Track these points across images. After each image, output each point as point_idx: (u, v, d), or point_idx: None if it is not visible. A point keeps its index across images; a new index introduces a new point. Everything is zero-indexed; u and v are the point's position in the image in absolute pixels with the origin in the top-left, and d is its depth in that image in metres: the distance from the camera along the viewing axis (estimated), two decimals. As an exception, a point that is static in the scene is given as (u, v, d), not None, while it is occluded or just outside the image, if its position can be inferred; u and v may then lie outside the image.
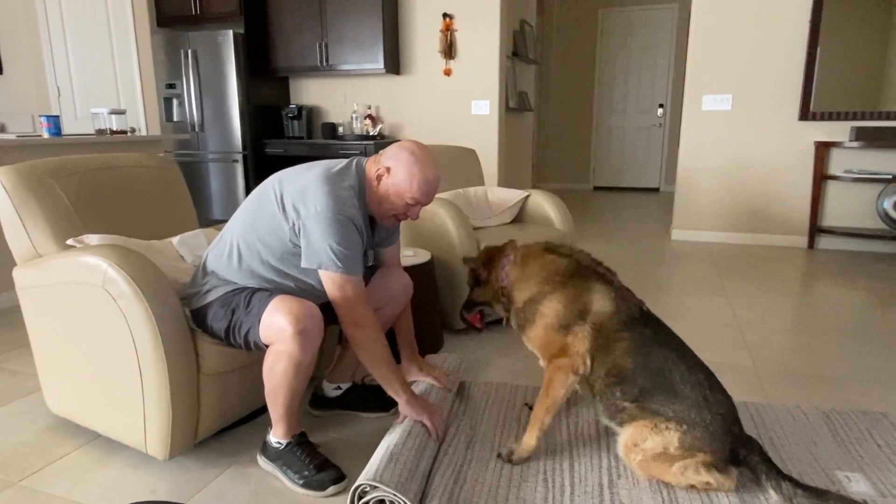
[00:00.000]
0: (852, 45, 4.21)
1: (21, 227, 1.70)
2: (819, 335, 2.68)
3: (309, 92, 5.54)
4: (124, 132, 3.99)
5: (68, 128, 5.47)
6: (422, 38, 5.04)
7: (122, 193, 1.96)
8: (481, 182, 3.52)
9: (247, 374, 1.75)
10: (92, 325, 1.61)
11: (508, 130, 5.68)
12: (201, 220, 2.30)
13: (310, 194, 1.53)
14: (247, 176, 5.10)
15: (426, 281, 2.41)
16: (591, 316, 1.57)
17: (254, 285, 1.62)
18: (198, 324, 1.64)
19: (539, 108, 8.28)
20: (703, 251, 4.44)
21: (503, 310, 1.78)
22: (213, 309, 1.60)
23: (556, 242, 1.78)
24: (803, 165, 4.46)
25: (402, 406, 1.66)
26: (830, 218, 4.47)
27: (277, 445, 1.62)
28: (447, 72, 5.01)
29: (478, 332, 1.91)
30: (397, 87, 5.23)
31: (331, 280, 1.53)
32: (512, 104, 5.74)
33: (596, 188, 8.43)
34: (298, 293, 1.61)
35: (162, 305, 1.52)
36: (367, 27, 4.87)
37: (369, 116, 5.21)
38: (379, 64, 4.90)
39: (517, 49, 5.93)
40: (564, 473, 1.61)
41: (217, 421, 1.73)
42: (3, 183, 1.68)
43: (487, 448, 1.73)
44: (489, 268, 1.77)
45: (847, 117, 4.29)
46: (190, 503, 1.52)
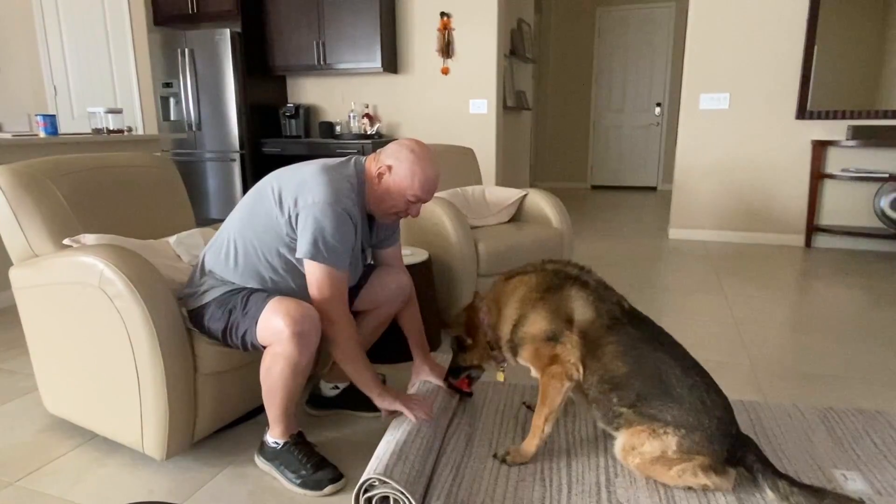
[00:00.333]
0: (849, 44, 4.22)
1: (17, 227, 1.69)
2: (816, 334, 2.69)
3: (306, 91, 5.53)
4: (121, 131, 3.97)
5: (65, 127, 5.45)
6: (419, 37, 5.04)
7: (119, 193, 1.96)
8: (479, 181, 3.51)
9: (244, 374, 1.75)
10: (88, 325, 1.61)
11: (506, 129, 5.68)
12: (198, 220, 2.29)
13: (308, 186, 1.53)
14: (244, 175, 5.10)
15: (423, 280, 2.41)
16: (576, 324, 1.57)
17: (252, 285, 1.61)
18: (195, 324, 1.64)
19: (537, 107, 8.28)
20: (701, 250, 4.45)
21: (496, 362, 1.76)
22: (211, 309, 1.60)
23: (521, 267, 1.76)
24: (800, 164, 4.46)
25: (376, 400, 1.66)
26: (827, 216, 4.48)
27: (275, 445, 1.61)
28: (445, 70, 5.01)
29: (469, 398, 1.90)
30: (395, 86, 5.22)
31: (314, 270, 1.52)
32: (509, 103, 5.75)
33: (593, 187, 8.44)
34: (298, 291, 1.61)
35: (159, 305, 1.52)
36: (365, 26, 4.87)
37: (367, 115, 5.20)
38: (376, 63, 4.90)
39: (515, 48, 5.94)
40: (562, 473, 1.61)
41: (214, 421, 1.73)
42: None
43: (485, 447, 1.73)
44: (472, 330, 1.75)
45: (844, 116, 4.30)
46: (187, 503, 1.52)
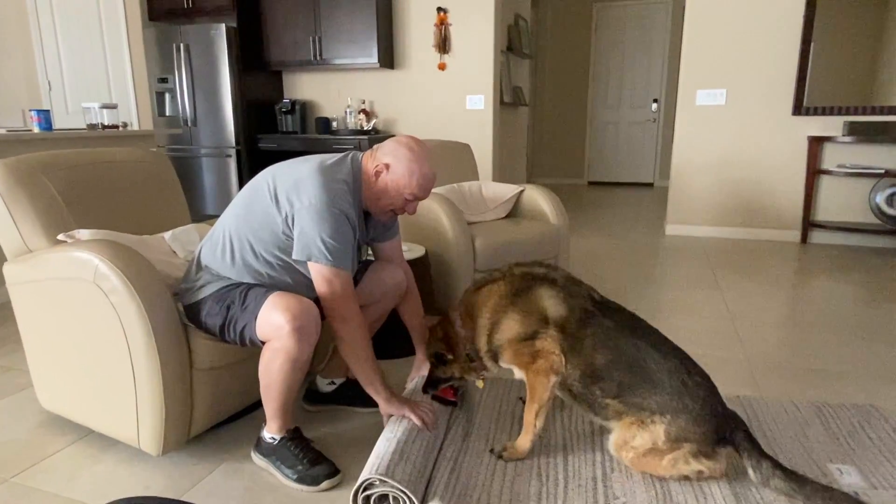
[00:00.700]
0: (846, 40, 4.23)
1: (11, 223, 1.68)
2: (811, 329, 2.70)
3: (302, 86, 5.51)
4: (116, 127, 3.95)
5: (59, 122, 5.42)
6: (416, 33, 5.02)
7: (114, 188, 1.95)
8: (476, 177, 3.51)
9: (240, 370, 1.75)
10: (83, 321, 1.60)
11: (503, 125, 5.68)
12: (194, 216, 2.28)
13: (304, 186, 1.52)
14: (240, 171, 5.08)
15: (421, 276, 2.41)
16: (552, 321, 1.57)
17: (248, 280, 1.61)
18: (191, 319, 1.63)
19: (533, 103, 8.27)
20: (697, 246, 4.46)
21: (476, 372, 1.75)
22: (208, 305, 1.59)
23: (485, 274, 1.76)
24: (796, 160, 4.47)
25: (382, 404, 1.65)
26: (823, 212, 4.49)
27: (271, 441, 1.61)
28: (441, 66, 4.99)
29: (455, 407, 1.87)
30: (391, 82, 5.21)
31: (319, 273, 1.52)
32: (506, 99, 5.74)
33: (590, 183, 8.44)
34: (295, 287, 1.60)
35: (154, 300, 1.51)
36: (361, 21, 4.85)
37: (363, 111, 5.19)
38: (373, 58, 4.88)
39: (512, 43, 5.92)
40: (558, 467, 1.61)
41: (210, 416, 1.73)
42: (-7, 177, 1.67)
43: (482, 442, 1.73)
44: (450, 342, 1.72)
45: (840, 112, 4.30)
46: (184, 499, 1.52)
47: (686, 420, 1.45)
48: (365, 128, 5.14)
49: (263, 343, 1.53)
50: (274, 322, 1.47)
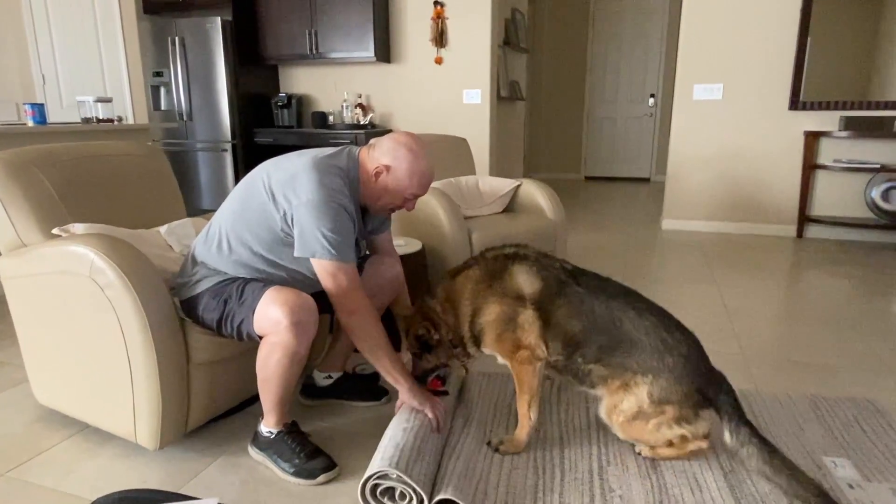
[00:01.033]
0: (842, 35, 4.23)
1: (5, 217, 1.67)
2: (807, 323, 2.71)
3: (299, 80, 5.48)
4: (111, 120, 3.93)
5: (53, 116, 5.39)
6: (413, 27, 5.00)
7: (109, 182, 1.94)
8: (472, 171, 3.51)
9: (237, 364, 1.74)
10: (79, 315, 1.60)
11: (500, 120, 5.66)
12: (190, 210, 2.27)
13: (300, 182, 1.51)
14: (236, 165, 5.06)
15: (417, 270, 2.41)
16: (528, 298, 1.58)
17: (245, 275, 1.60)
18: (188, 314, 1.63)
19: (531, 98, 8.25)
20: (693, 240, 4.47)
21: (459, 359, 1.75)
22: (205, 299, 1.59)
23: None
24: (793, 155, 4.48)
25: (404, 394, 1.63)
26: (819, 207, 4.50)
27: (268, 435, 1.61)
28: (438, 60, 4.97)
29: (447, 395, 1.85)
30: (388, 76, 5.19)
31: (324, 268, 1.52)
32: (503, 93, 5.72)
33: (587, 178, 8.44)
34: (290, 283, 1.60)
35: (150, 295, 1.51)
36: (357, 15, 4.82)
37: (360, 105, 5.17)
38: (369, 52, 4.86)
39: (509, 38, 5.91)
40: (555, 461, 1.62)
41: (207, 411, 1.72)
42: (-13, 171, 1.65)
43: (480, 436, 1.73)
44: (435, 323, 1.70)
45: (836, 107, 4.31)
46: (181, 492, 1.52)
47: (668, 380, 1.46)
48: (361, 122, 5.13)
49: (261, 337, 1.53)
50: (272, 317, 1.47)
